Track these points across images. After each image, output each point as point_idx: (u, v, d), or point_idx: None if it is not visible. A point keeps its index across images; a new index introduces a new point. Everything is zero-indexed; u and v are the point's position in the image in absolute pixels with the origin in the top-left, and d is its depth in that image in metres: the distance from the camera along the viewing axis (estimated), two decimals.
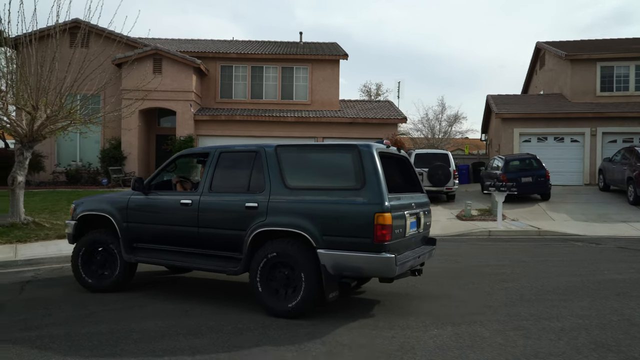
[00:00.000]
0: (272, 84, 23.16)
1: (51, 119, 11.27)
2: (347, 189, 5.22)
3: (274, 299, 5.37)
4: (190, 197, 6.09)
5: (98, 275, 6.59)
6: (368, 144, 5.44)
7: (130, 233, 6.41)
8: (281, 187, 5.53)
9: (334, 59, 22.99)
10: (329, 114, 22.28)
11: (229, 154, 6.19)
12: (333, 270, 5.12)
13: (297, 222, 5.27)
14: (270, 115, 21.66)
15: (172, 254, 6.22)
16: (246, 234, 5.53)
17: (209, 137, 21.58)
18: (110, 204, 6.64)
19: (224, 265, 5.75)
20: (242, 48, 23.75)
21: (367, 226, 4.98)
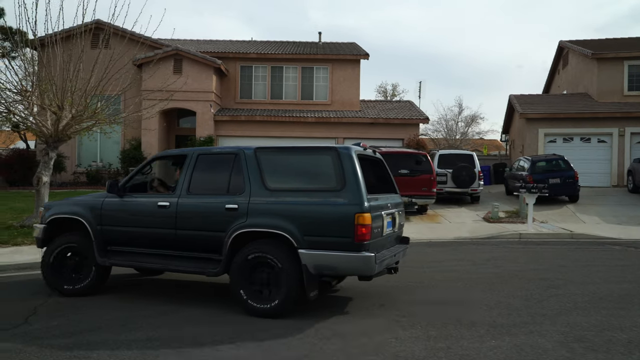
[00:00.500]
0: (292, 84, 22.97)
1: (76, 119, 11.21)
2: (328, 190, 5.36)
3: (255, 299, 5.44)
4: (168, 199, 6.08)
5: (71, 280, 6.44)
6: (347, 147, 5.59)
7: (104, 236, 6.33)
8: (261, 189, 5.61)
9: (354, 59, 22.74)
10: (349, 114, 22.03)
11: (207, 156, 6.21)
12: (314, 270, 5.25)
13: (278, 223, 5.37)
14: (290, 116, 21.47)
15: (148, 257, 6.18)
16: (226, 235, 5.57)
17: (229, 137, 21.46)
18: (82, 207, 6.52)
19: (203, 267, 5.79)
20: (262, 48, 23.60)
21: (347, 226, 5.14)
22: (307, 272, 5.26)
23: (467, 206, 17.31)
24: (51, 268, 6.45)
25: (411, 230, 13.00)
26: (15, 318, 5.47)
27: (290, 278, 5.30)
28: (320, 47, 24.50)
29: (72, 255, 6.47)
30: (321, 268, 5.28)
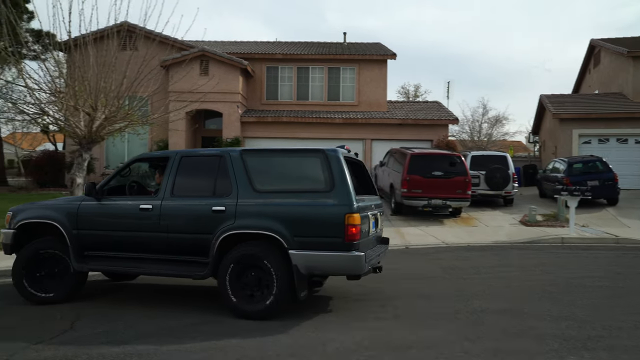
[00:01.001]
0: (319, 85, 22.73)
1: (109, 119, 11.12)
2: (317, 191, 5.45)
3: (245, 301, 5.44)
4: (151, 202, 5.96)
5: (44, 287, 6.21)
6: (334, 149, 5.67)
7: (82, 241, 6.14)
8: (249, 191, 5.61)
9: (381, 59, 22.41)
10: (377, 115, 21.70)
11: (191, 159, 6.15)
12: (305, 270, 5.30)
13: (268, 224, 5.39)
14: (317, 117, 21.23)
15: (129, 261, 6.04)
16: (213, 238, 5.53)
17: (255, 138, 21.31)
18: (57, 211, 6.32)
19: (189, 270, 5.72)
20: (288, 49, 23.42)
21: (338, 226, 5.22)
22: (297, 272, 5.30)
23: (500, 209, 16.85)
24: (24, 275, 6.17)
25: (448, 234, 12.66)
26: (60, 324, 5.31)
27: (280, 279, 5.32)
28: (346, 47, 24.23)
29: (45, 261, 6.23)
30: (311, 268, 5.35)
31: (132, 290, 7.13)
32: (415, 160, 14.59)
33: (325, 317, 5.61)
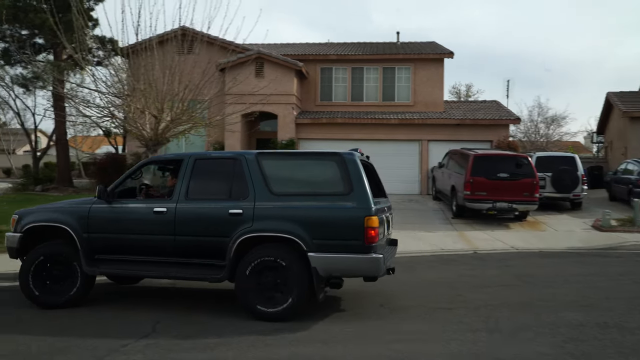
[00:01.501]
0: (373, 86, 22.42)
1: (175, 121, 11.30)
2: (335, 194, 5.54)
3: (264, 303, 5.47)
4: (165, 205, 5.96)
5: (53, 291, 6.14)
6: (351, 152, 5.78)
7: (93, 244, 6.09)
8: (266, 194, 5.65)
9: (438, 58, 21.87)
10: (434, 115, 21.18)
11: (205, 161, 6.18)
12: (323, 272, 5.38)
13: (287, 227, 5.44)
14: (372, 118, 20.93)
15: (142, 264, 6.02)
16: (230, 241, 5.55)
17: (310, 140, 21.22)
18: (66, 214, 6.26)
19: (204, 273, 5.73)
20: (341, 50, 23.24)
21: (357, 229, 5.33)
22: (316, 274, 5.37)
23: (568, 212, 16.03)
24: (31, 279, 6.11)
25: (516, 239, 12.09)
26: (142, 327, 5.30)
27: (299, 281, 5.39)
28: (399, 46, 23.83)
29: (54, 265, 6.16)
30: (330, 270, 5.43)
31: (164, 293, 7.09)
32: (479, 162, 14.06)
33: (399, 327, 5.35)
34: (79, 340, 4.89)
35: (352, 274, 5.66)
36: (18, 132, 53.44)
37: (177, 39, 12.01)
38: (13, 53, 20.03)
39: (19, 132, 54.41)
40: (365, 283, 5.85)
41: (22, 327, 5.42)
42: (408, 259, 10.01)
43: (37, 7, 18.49)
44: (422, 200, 18.67)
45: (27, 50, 20.45)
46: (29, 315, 5.86)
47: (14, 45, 19.53)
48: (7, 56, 20.74)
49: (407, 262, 9.18)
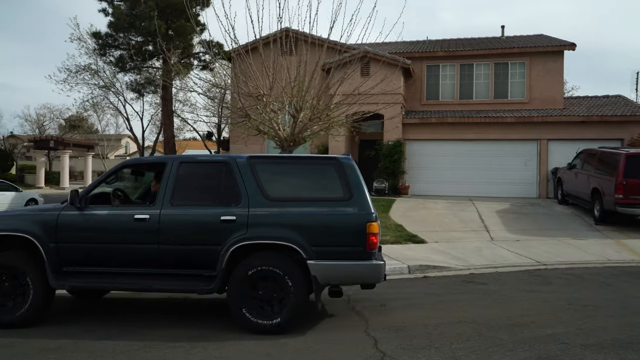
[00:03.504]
0: (483, 82, 21.17)
1: (314, 120, 10.97)
2: (334, 200, 5.39)
3: (259, 315, 5.23)
4: (147, 212, 5.53)
5: (4, 309, 5.51)
6: (347, 157, 5.65)
7: (61, 255, 5.55)
8: (261, 199, 5.40)
9: (556, 50, 20.26)
10: (554, 112, 19.61)
11: (191, 165, 5.81)
12: (323, 280, 5.24)
13: (284, 234, 5.23)
14: (486, 117, 19.70)
15: (119, 277, 5.54)
16: (222, 249, 5.27)
17: (417, 141, 20.38)
18: (28, 222, 5.66)
19: (193, 285, 5.39)
20: (448, 46, 22.17)
21: (359, 235, 5.21)
22: (316, 283, 5.22)
23: None
24: None
25: None
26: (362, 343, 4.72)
27: (297, 291, 5.19)
28: (512, 40, 22.38)
29: (5, 279, 5.57)
30: (330, 278, 5.29)
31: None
32: (633, 162, 12.60)
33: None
34: None
35: (352, 282, 5.52)
36: (111, 137, 56.70)
37: (280, 40, 11.71)
38: (127, 60, 20.85)
39: (112, 138, 57.74)
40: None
41: None
42: (581, 270, 8.94)
43: (150, 15, 19.04)
44: (545, 204, 17.24)
45: (139, 56, 21.25)
46: None
47: (129, 53, 20.27)
48: (121, 63, 21.55)
49: (594, 275, 8.13)
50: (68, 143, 34.29)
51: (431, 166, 20.27)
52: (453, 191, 19.37)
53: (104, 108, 27.92)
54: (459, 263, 9.50)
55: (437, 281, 8.25)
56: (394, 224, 13.32)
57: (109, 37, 19.80)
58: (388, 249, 10.52)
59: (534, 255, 10.13)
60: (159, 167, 6.08)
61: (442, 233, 12.57)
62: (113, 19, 19.37)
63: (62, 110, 42.10)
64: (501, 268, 9.24)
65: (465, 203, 17.21)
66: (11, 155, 36.79)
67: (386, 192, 19.35)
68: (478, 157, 19.82)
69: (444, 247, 11.01)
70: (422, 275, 8.65)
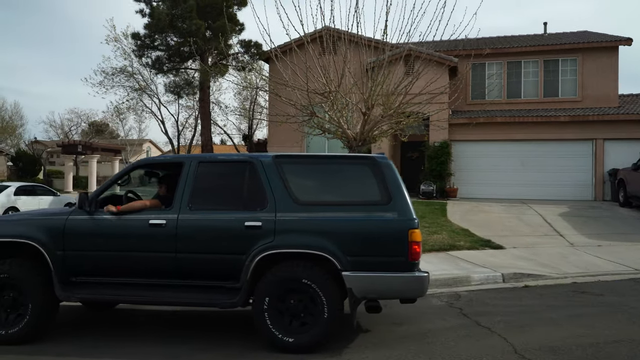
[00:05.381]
0: (532, 80, 20.37)
1: (385, 119, 10.38)
2: (371, 204, 4.89)
3: (287, 332, 4.72)
4: (164, 216, 5.02)
5: (7, 322, 5.07)
6: (384, 156, 5.14)
7: (69, 264, 5.07)
8: (289, 203, 4.89)
9: (611, 46, 19.41)
10: (609, 111, 18.75)
11: (210, 165, 5.31)
12: (359, 294, 4.76)
13: (316, 242, 4.74)
14: (537, 116, 18.89)
15: (133, 288, 5.05)
16: (247, 259, 4.77)
17: (464, 142, 19.64)
18: (33, 227, 5.18)
19: (213, 298, 4.88)
20: (491, 43, 21.41)
21: (400, 244, 4.72)
22: (352, 297, 4.77)
23: None
24: None
25: None
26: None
27: (331, 305, 4.69)
28: (560, 37, 21.56)
29: (5, 290, 5.12)
30: (368, 292, 4.80)
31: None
32: None
33: None
34: None
35: (393, 295, 5.00)
36: (134, 142, 56.68)
37: (321, 39, 11.14)
38: (164, 61, 20.41)
39: (135, 143, 57.72)
40: None
41: None
42: None
43: (191, 15, 18.55)
44: (606, 207, 16.40)
45: (177, 57, 20.80)
46: None
47: (167, 54, 19.83)
48: (159, 64, 21.11)
49: None
50: (96, 147, 34.03)
51: (479, 168, 19.50)
52: (503, 194, 18.58)
53: (137, 110, 27.53)
54: (552, 271, 8.76)
55: (543, 291, 7.52)
56: (459, 228, 12.62)
57: (148, 37, 19.37)
58: (468, 255, 9.87)
59: (629, 262, 9.35)
60: (176, 167, 5.51)
61: (514, 238, 11.83)
62: (152, 20, 18.93)
63: (89, 115, 42.01)
64: (600, 276, 8.49)
65: (520, 206, 16.43)
66: (39, 160, 36.68)
67: (434, 195, 18.62)
68: (529, 158, 19.00)
69: (525, 253, 10.27)
70: (523, 285, 7.92)
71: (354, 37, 11.26)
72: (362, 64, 10.67)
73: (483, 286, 7.96)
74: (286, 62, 11.13)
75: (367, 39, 11.71)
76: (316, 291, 4.72)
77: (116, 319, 6.32)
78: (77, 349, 4.99)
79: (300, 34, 10.79)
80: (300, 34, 10.75)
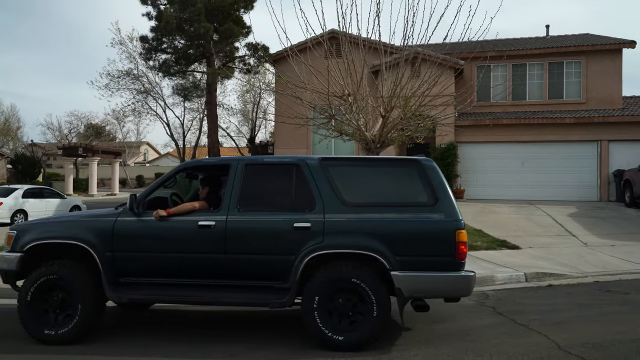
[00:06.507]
0: (537, 83, 20.58)
1: (403, 121, 10.48)
2: (418, 205, 5.00)
3: (336, 330, 4.83)
4: (213, 218, 5.10)
5: (57, 323, 5.15)
6: (428, 158, 5.27)
7: (118, 265, 5.16)
8: (337, 204, 5.00)
9: (614, 48, 19.64)
10: (613, 112, 18.98)
11: (257, 167, 5.41)
12: (408, 293, 4.87)
13: (366, 242, 4.86)
14: (543, 117, 19.09)
15: (182, 289, 5.15)
16: (296, 259, 4.88)
17: (471, 143, 19.78)
18: (83, 229, 5.27)
19: (262, 298, 4.97)
20: (498, 45, 21.58)
21: (448, 244, 4.84)
22: (401, 296, 4.86)
23: None
24: (29, 308, 5.15)
25: None
26: None
27: (380, 304, 4.80)
28: (562, 39, 21.80)
29: (53, 291, 5.18)
30: (416, 291, 4.92)
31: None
32: None
33: None
34: None
35: (440, 294, 5.10)
36: (132, 145, 56.51)
37: (326, 43, 11.23)
38: (172, 64, 20.43)
39: (133, 145, 57.54)
40: None
41: None
42: None
43: (199, 18, 18.58)
44: (613, 207, 16.60)
45: (184, 60, 20.83)
46: None
47: (175, 56, 19.86)
48: (165, 67, 21.13)
49: None
50: (97, 150, 33.99)
51: (485, 169, 19.66)
52: (509, 195, 18.76)
53: (142, 113, 27.54)
54: (572, 270, 8.90)
55: (569, 290, 7.66)
56: (472, 229, 12.72)
57: (155, 40, 19.40)
58: (486, 255, 9.99)
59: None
60: (222, 169, 5.60)
61: (528, 238, 11.97)
62: (160, 23, 18.95)
63: (89, 117, 41.88)
64: (620, 275, 8.65)
65: (528, 207, 16.59)
66: (39, 163, 36.52)
67: None
68: (534, 159, 19.19)
69: (542, 252, 10.41)
70: (547, 284, 8.05)
71: (372, 42, 11.39)
72: (382, 67, 10.77)
73: (507, 285, 8.09)
74: (301, 63, 11.21)
75: (385, 44, 11.82)
76: (365, 290, 4.82)
77: (156, 320, 6.38)
78: (131, 348, 5.07)
79: (317, 35, 10.87)
80: (316, 34, 10.83)
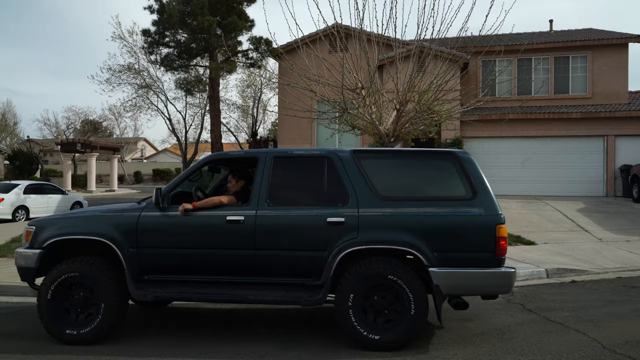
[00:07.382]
0: (542, 77, 20.44)
1: (418, 115, 10.33)
2: (456, 199, 4.82)
3: (372, 329, 4.65)
4: (242, 213, 4.92)
5: (78, 322, 4.97)
6: (464, 151, 5.12)
7: (142, 262, 4.98)
8: (372, 198, 4.82)
9: (621, 43, 19.55)
10: (619, 107, 18.89)
11: (286, 160, 5.17)
12: (446, 290, 4.68)
13: (402, 238, 4.68)
14: (549, 112, 18.99)
15: (210, 286, 4.95)
16: (329, 255, 4.71)
17: (476, 138, 19.66)
18: (105, 224, 5.06)
19: (294, 295, 4.78)
20: (502, 40, 21.43)
21: (488, 239, 4.67)
22: (439, 293, 4.67)
23: None
24: (50, 307, 4.98)
25: None
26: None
27: (418, 301, 4.63)
28: (566, 34, 21.67)
29: (76, 289, 5.01)
30: (455, 288, 4.73)
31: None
32: None
33: None
34: None
35: (479, 292, 4.91)
36: (129, 141, 56.07)
37: (332, 37, 11.07)
38: (174, 58, 20.15)
39: (130, 142, 57.10)
40: None
41: None
42: None
43: (202, 11, 18.30)
44: (621, 203, 16.52)
45: (187, 54, 20.55)
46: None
47: (178, 50, 19.58)
48: (168, 61, 20.84)
49: None
50: (95, 146, 33.60)
51: (490, 164, 19.49)
52: (515, 190, 18.66)
53: (144, 108, 27.24)
54: (592, 266, 8.79)
55: (593, 286, 7.53)
56: None
57: (157, 34, 19.10)
58: None
59: None
60: (250, 162, 5.46)
61: (541, 233, 11.86)
62: (162, 16, 18.67)
63: (87, 113, 41.47)
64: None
65: (536, 202, 16.49)
66: (37, 159, 36.12)
67: None
68: (540, 154, 19.12)
69: (558, 248, 10.30)
70: (570, 280, 7.93)
71: (383, 37, 11.22)
72: (396, 59, 10.61)
73: (530, 282, 7.96)
74: (310, 55, 11.02)
75: (397, 40, 11.65)
76: (402, 287, 4.65)
77: (178, 318, 6.20)
78: (156, 348, 4.88)
79: (327, 27, 10.69)
80: (328, 25, 10.65)
